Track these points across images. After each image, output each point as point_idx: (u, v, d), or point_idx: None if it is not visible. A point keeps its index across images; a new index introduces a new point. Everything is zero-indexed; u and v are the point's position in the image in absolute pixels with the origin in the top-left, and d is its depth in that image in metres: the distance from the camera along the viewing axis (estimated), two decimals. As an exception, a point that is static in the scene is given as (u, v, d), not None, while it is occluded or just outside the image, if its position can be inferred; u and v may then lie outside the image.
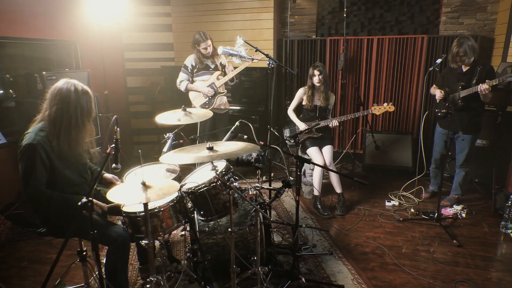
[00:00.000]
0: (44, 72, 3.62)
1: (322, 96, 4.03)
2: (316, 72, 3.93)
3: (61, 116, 2.15)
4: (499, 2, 4.84)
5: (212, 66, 4.33)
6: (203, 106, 4.30)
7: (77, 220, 1.79)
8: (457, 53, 3.58)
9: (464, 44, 3.54)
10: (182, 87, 4.32)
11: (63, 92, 2.17)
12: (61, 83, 2.21)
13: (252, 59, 3.56)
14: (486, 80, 3.42)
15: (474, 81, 3.59)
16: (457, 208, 3.89)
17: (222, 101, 4.42)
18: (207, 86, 4.27)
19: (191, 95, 4.36)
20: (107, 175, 2.54)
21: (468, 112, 3.68)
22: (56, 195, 2.14)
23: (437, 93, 3.82)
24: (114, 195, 1.89)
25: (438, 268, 2.93)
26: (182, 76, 4.32)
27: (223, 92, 4.38)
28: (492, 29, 4.95)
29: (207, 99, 4.30)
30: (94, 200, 2.11)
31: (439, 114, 3.92)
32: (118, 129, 1.92)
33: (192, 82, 4.34)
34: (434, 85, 4.03)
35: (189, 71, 4.31)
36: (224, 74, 4.34)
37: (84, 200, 1.81)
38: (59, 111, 2.15)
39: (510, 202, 3.42)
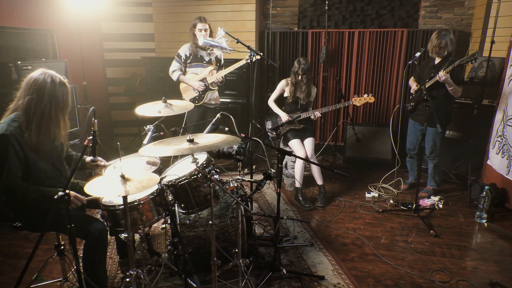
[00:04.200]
0: (19, 62, 3.50)
1: (305, 91, 4.04)
2: (300, 72, 3.91)
3: (35, 107, 2.08)
4: (476, -3, 4.94)
5: (207, 59, 4.11)
6: (193, 100, 4.10)
7: (53, 214, 1.75)
8: (438, 44, 3.62)
9: (446, 37, 3.60)
10: (174, 76, 4.11)
11: (38, 83, 2.09)
12: (37, 73, 2.13)
13: (233, 51, 3.49)
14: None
15: (442, 71, 3.64)
16: (434, 199, 3.98)
17: (213, 96, 4.24)
18: (199, 81, 4.07)
19: (182, 86, 4.17)
20: (88, 158, 2.41)
21: (434, 103, 3.65)
22: (32, 188, 2.07)
23: (413, 86, 3.91)
24: (92, 188, 1.85)
25: (416, 258, 3.00)
26: (174, 65, 4.12)
27: (214, 89, 4.21)
28: (469, 23, 5.06)
29: (197, 94, 4.11)
30: (73, 193, 2.06)
31: (409, 107, 4.00)
32: (95, 120, 1.88)
33: (185, 72, 4.15)
34: (412, 77, 4.09)
35: (182, 61, 4.11)
36: (219, 69, 4.14)
37: (61, 193, 1.77)
38: (33, 101, 2.08)
39: (484, 193, 3.53)
